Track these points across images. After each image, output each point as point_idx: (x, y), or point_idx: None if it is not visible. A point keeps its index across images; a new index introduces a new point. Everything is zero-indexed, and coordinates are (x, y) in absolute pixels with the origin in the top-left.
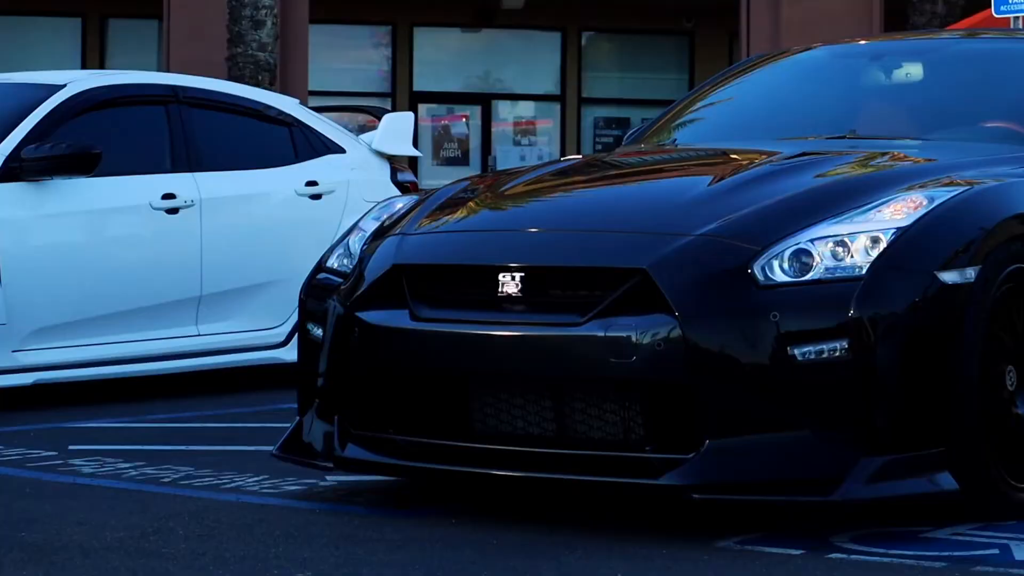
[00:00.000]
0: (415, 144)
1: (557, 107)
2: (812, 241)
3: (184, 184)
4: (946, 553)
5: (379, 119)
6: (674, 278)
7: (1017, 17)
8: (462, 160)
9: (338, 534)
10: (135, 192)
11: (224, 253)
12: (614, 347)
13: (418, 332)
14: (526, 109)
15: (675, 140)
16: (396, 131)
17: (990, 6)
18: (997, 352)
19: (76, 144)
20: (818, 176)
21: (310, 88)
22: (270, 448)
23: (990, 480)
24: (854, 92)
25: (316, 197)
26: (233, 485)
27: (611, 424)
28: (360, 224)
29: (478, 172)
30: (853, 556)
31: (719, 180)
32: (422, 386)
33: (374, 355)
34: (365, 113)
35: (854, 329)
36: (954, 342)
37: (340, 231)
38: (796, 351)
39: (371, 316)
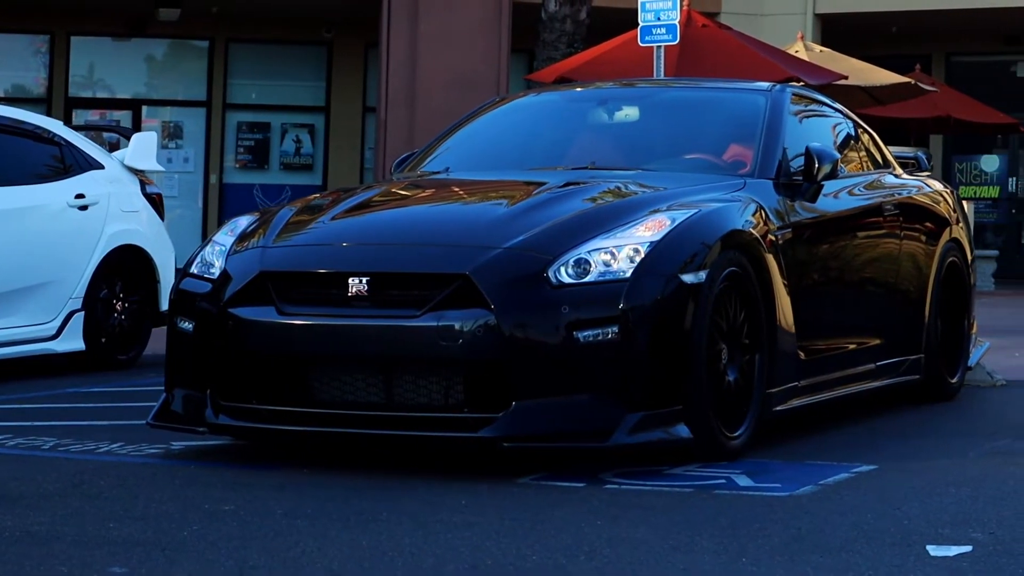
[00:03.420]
0: None
1: (203, 112)
2: (589, 252)
3: None
4: (688, 483)
5: (128, 137)
6: (489, 281)
7: (660, 46)
8: None
9: (226, 482)
10: None
11: (9, 258)
12: (444, 333)
13: (283, 324)
14: (174, 114)
15: (448, 169)
16: (143, 149)
17: (625, 29)
18: (716, 334)
19: None
20: (587, 201)
21: None
22: (105, 423)
23: (712, 430)
24: (586, 130)
25: (83, 208)
26: (104, 450)
27: (435, 392)
28: (215, 239)
29: None
30: (623, 487)
31: (513, 204)
32: (284, 366)
33: (246, 342)
34: (117, 133)
35: (622, 318)
36: (689, 327)
37: (103, 237)
38: (580, 335)
39: (243, 312)
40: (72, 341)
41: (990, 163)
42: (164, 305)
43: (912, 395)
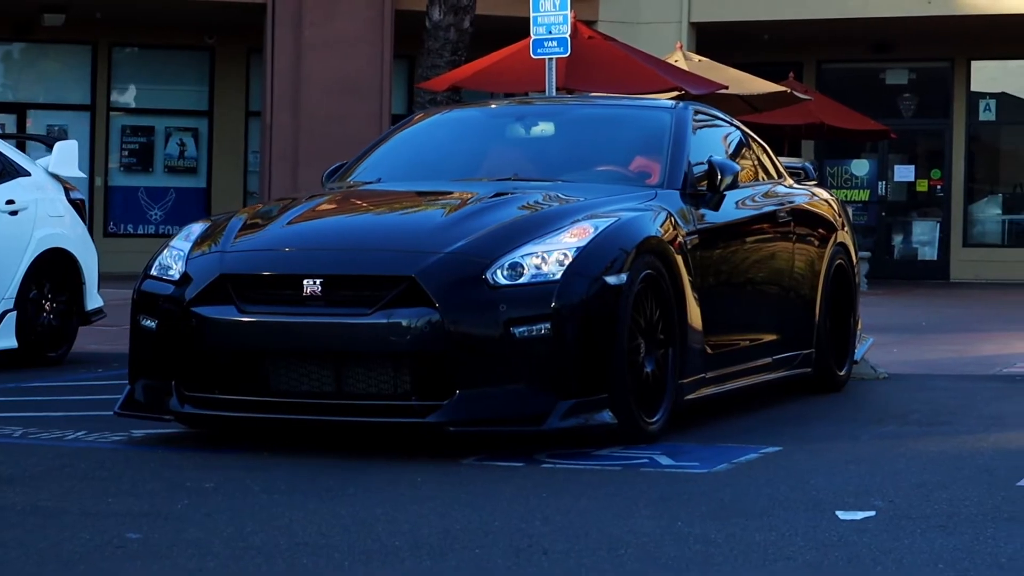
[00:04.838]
0: None
1: (88, 116)
2: (522, 256)
3: None
4: (615, 463)
5: (51, 146)
6: (434, 282)
7: (552, 58)
8: None
9: (198, 464)
10: None
11: None
12: (394, 330)
13: (243, 322)
14: (59, 117)
15: (380, 179)
16: (66, 157)
17: (507, 36)
18: (635, 330)
19: None
20: (517, 210)
21: None
22: (61, 413)
23: (633, 416)
24: (506, 143)
25: (13, 213)
26: (72, 437)
27: (384, 383)
28: (172, 244)
29: None
30: (558, 466)
31: (451, 212)
32: (244, 360)
33: (208, 339)
34: (39, 141)
35: (553, 316)
36: (612, 324)
37: (32, 241)
38: (516, 331)
39: (206, 311)
40: (6, 339)
41: (860, 167)
42: (90, 305)
43: (805, 386)
